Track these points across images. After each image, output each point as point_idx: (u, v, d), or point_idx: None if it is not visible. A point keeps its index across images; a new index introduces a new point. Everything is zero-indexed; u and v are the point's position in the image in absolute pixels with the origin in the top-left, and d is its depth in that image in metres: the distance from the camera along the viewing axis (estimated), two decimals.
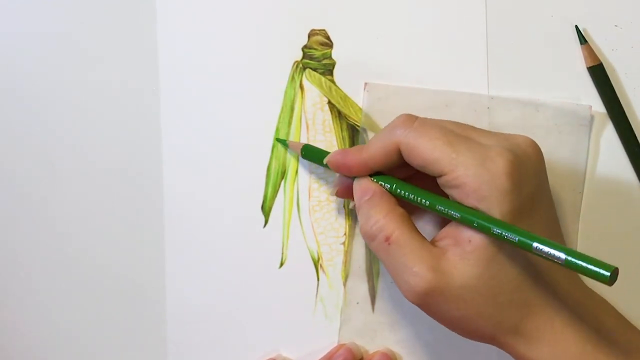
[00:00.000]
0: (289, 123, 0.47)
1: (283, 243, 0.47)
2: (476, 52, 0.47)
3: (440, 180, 0.39)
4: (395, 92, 0.47)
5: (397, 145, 0.40)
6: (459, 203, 0.39)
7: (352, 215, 0.47)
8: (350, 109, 0.47)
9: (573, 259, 0.34)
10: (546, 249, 0.35)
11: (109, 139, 0.48)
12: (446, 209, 0.39)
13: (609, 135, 0.46)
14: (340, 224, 0.47)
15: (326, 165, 0.44)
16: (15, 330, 0.48)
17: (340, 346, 0.46)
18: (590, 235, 0.46)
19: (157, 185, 0.48)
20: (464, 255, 0.38)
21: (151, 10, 0.48)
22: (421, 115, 0.45)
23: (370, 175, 0.42)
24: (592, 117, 0.46)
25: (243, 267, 0.47)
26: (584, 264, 0.34)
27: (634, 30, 0.46)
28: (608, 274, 0.34)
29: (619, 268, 0.46)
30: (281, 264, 0.47)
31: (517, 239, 0.36)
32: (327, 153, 0.45)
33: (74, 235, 0.48)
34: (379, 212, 0.40)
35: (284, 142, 0.47)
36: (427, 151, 0.39)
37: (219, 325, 0.48)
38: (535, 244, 0.35)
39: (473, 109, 0.46)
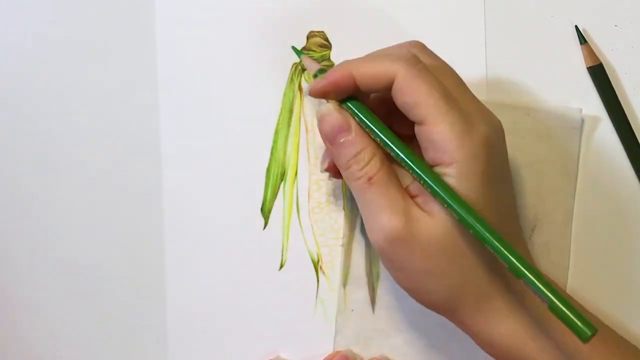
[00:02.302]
0: (288, 125, 0.47)
1: (283, 245, 0.47)
2: (475, 52, 0.47)
3: (418, 128, 0.38)
4: None
5: (394, 75, 0.39)
6: (437, 175, 0.38)
7: (352, 216, 0.47)
8: None
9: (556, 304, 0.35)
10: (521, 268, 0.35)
11: (107, 142, 0.48)
12: (423, 176, 0.38)
13: (602, 136, 0.46)
14: (340, 225, 0.47)
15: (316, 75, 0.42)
16: (14, 331, 0.48)
17: (335, 353, 0.46)
18: (584, 237, 0.46)
19: (157, 187, 0.48)
20: (433, 211, 0.38)
21: (150, 12, 0.48)
22: None
23: (341, 101, 0.40)
24: (582, 120, 0.46)
25: (243, 269, 0.47)
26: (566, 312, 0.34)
27: (634, 30, 0.46)
28: (589, 333, 0.34)
29: (615, 269, 0.46)
30: (281, 266, 0.47)
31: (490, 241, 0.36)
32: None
33: (73, 238, 0.48)
34: (367, 154, 0.39)
35: (299, 53, 0.46)
36: (423, 94, 0.38)
37: (219, 327, 0.48)
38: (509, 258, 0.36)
39: None
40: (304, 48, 0.47)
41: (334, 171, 0.43)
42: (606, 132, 0.46)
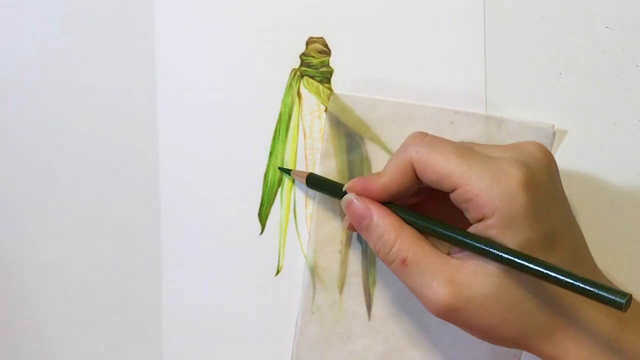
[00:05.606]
0: (287, 130, 0.47)
1: (279, 251, 0.47)
2: (474, 53, 0.47)
3: (453, 195, 0.39)
4: (358, 103, 0.47)
5: (411, 163, 0.40)
6: (467, 232, 0.39)
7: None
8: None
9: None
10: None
11: (104, 147, 0.48)
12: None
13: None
14: (337, 232, 0.47)
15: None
16: (8, 331, 0.48)
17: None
18: None
19: (154, 191, 0.48)
20: (482, 264, 0.38)
21: (149, 16, 0.48)
22: (384, 127, 0.45)
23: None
24: (554, 135, 0.46)
25: (239, 274, 0.47)
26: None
27: (625, 32, 0.47)
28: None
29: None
30: (277, 272, 0.47)
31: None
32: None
33: (69, 243, 0.48)
34: (390, 236, 0.40)
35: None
36: (440, 165, 0.39)
37: (215, 332, 0.47)
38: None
39: (436, 122, 0.46)
40: (303, 54, 0.47)
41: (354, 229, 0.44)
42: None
